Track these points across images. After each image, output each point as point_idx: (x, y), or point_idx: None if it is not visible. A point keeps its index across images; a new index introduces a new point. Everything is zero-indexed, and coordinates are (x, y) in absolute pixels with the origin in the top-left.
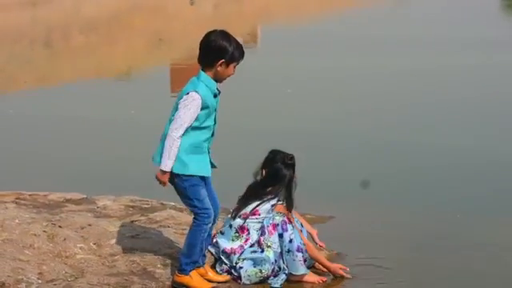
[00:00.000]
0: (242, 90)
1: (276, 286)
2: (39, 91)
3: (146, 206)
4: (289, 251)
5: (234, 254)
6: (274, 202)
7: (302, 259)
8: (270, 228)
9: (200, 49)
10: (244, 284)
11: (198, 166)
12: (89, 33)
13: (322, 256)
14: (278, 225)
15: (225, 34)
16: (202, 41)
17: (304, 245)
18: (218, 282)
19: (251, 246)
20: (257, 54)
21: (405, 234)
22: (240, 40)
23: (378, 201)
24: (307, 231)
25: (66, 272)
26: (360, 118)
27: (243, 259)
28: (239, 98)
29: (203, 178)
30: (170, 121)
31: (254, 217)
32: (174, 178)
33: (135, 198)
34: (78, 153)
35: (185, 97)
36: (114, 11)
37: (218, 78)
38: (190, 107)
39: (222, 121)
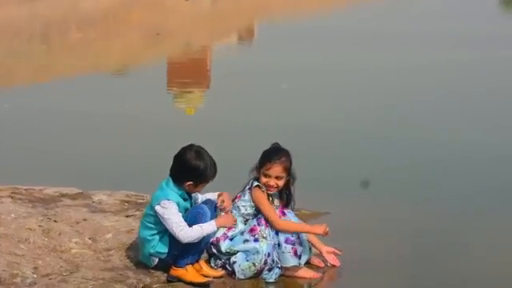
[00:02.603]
0: (238, 86)
1: (270, 280)
2: (35, 86)
3: (141, 200)
4: (278, 244)
5: (218, 241)
6: (249, 185)
7: (291, 251)
8: (264, 220)
9: (173, 160)
10: (238, 279)
11: (163, 245)
12: (86, 28)
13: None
14: None
15: (199, 155)
16: (177, 154)
17: (296, 235)
18: (213, 277)
19: (241, 233)
20: (253, 49)
21: (401, 229)
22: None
23: (374, 196)
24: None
25: (61, 266)
26: (356, 114)
27: (235, 251)
28: (235, 94)
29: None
30: (144, 224)
31: (236, 200)
32: (164, 263)
33: (130, 192)
34: (74, 147)
35: (160, 208)
36: (112, 6)
37: (186, 191)
38: (171, 210)
39: (217, 116)
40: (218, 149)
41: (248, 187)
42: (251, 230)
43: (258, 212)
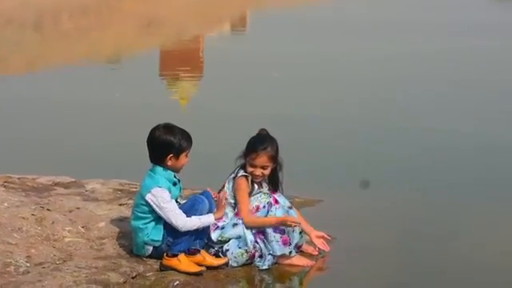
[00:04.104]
0: (231, 75)
1: (264, 267)
2: (28, 75)
3: (134, 189)
4: (267, 233)
5: (209, 233)
6: (234, 174)
7: (280, 240)
8: (253, 209)
9: (148, 147)
10: (232, 267)
11: (157, 232)
12: (79, 17)
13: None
14: (264, 206)
15: (168, 128)
16: (147, 138)
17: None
18: (214, 267)
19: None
20: (245, 39)
21: (393, 218)
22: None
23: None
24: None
25: (54, 255)
26: (351, 103)
27: (227, 238)
28: (227, 83)
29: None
30: (135, 214)
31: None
32: (158, 252)
33: (123, 181)
34: (67, 136)
35: (152, 197)
36: None
37: (172, 170)
38: (163, 198)
39: (209, 105)
40: (210, 138)
41: (233, 176)
42: (237, 214)
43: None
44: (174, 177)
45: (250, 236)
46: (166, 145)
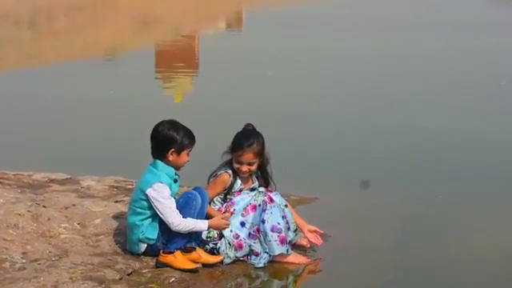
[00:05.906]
0: (225, 72)
1: (259, 265)
2: (23, 72)
3: (129, 186)
4: (264, 232)
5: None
6: (214, 174)
7: (277, 239)
8: (249, 208)
9: (151, 141)
10: (226, 263)
11: (152, 230)
12: (74, 14)
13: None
14: (259, 205)
15: (172, 124)
16: (151, 133)
17: (285, 221)
18: (210, 264)
19: None
20: (240, 36)
21: (389, 216)
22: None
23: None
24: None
25: (49, 252)
26: (345, 101)
27: (214, 234)
28: (221, 80)
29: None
30: (133, 210)
31: None
32: (152, 250)
33: (119, 178)
34: (62, 133)
35: (152, 192)
36: None
37: (173, 166)
38: (163, 194)
39: (204, 102)
40: (205, 135)
41: (212, 176)
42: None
43: (225, 195)
44: (175, 174)
45: (243, 236)
46: (168, 139)
